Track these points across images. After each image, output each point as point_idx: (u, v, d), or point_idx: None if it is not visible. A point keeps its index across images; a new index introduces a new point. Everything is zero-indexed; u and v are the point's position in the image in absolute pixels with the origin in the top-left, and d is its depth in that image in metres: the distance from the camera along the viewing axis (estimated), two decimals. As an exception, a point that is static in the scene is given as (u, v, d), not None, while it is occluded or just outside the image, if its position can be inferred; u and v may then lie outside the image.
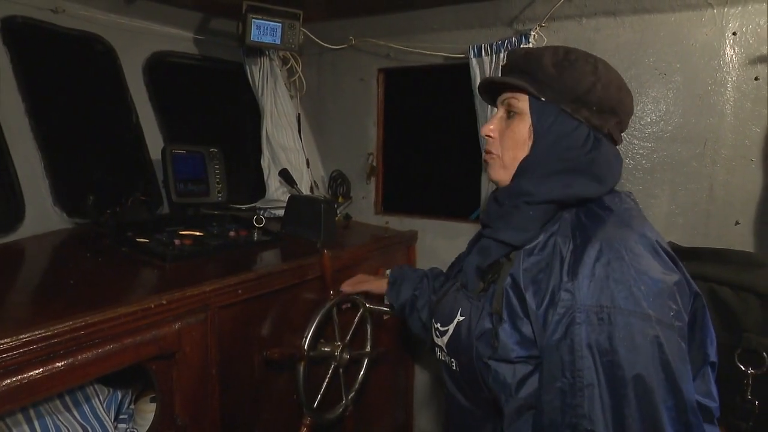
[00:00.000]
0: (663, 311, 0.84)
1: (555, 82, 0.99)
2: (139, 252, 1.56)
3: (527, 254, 0.98)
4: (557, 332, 0.88)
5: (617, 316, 0.83)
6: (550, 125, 1.00)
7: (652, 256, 0.89)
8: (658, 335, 0.82)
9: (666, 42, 1.68)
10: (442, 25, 2.06)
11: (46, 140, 1.77)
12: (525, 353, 0.95)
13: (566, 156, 0.99)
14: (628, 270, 0.86)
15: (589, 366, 0.84)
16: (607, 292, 0.85)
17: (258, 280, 1.43)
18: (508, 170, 1.05)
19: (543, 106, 1.01)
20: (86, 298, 1.16)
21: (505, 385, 0.97)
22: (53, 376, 0.98)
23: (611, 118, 1.01)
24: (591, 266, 0.88)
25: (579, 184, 0.98)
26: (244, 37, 1.95)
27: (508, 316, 0.97)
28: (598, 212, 0.98)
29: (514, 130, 1.04)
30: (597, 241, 0.90)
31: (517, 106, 1.03)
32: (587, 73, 0.99)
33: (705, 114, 1.65)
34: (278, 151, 2.29)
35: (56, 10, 1.79)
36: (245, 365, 1.46)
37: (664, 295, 0.86)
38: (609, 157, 1.02)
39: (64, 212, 1.81)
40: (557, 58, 1.01)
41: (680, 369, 0.83)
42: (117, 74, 2.04)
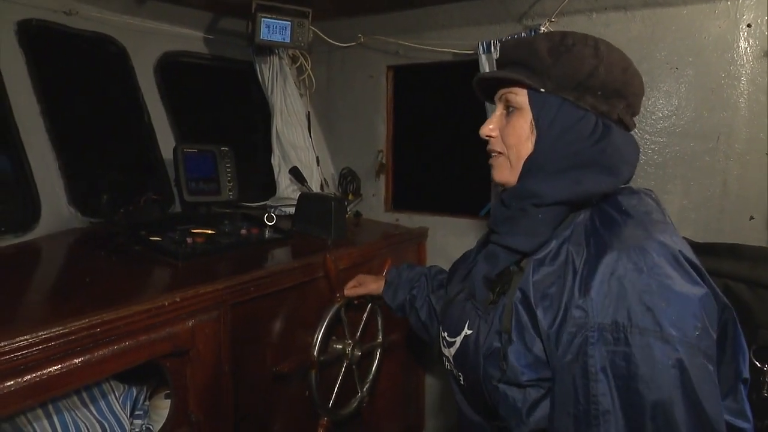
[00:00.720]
0: (686, 330, 0.75)
1: (553, 70, 0.90)
2: (152, 250, 1.58)
3: (538, 264, 0.89)
4: (569, 353, 0.80)
5: (635, 336, 0.75)
6: (554, 118, 0.91)
7: (673, 267, 0.80)
8: (681, 358, 0.74)
9: (678, 36, 1.66)
10: (450, 21, 2.06)
11: (60, 141, 1.80)
12: (536, 375, 0.87)
13: (574, 149, 0.90)
14: (647, 284, 0.77)
15: (605, 392, 0.76)
16: (623, 309, 0.77)
17: (270, 277, 1.44)
18: (514, 170, 0.97)
19: (543, 97, 0.92)
20: (101, 296, 1.18)
21: (516, 410, 0.90)
22: (71, 373, 1.00)
23: (619, 101, 0.92)
24: (606, 280, 0.79)
25: (589, 179, 0.89)
26: (253, 36, 1.96)
27: (518, 336, 0.89)
28: (614, 216, 0.88)
29: (514, 126, 0.96)
30: (612, 251, 0.81)
31: (515, 100, 0.95)
32: (587, 56, 0.90)
33: (718, 108, 1.63)
34: (288, 149, 2.31)
35: (69, 12, 1.81)
36: (258, 362, 1.48)
37: (687, 312, 0.76)
38: (620, 144, 0.92)
39: (79, 212, 1.84)
40: (553, 43, 0.92)
41: (707, 394, 0.74)
42: (129, 74, 2.06)
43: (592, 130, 0.90)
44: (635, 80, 0.95)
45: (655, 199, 0.97)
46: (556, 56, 0.91)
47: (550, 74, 0.91)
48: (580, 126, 0.90)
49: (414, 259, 2.21)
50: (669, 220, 0.94)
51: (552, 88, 0.91)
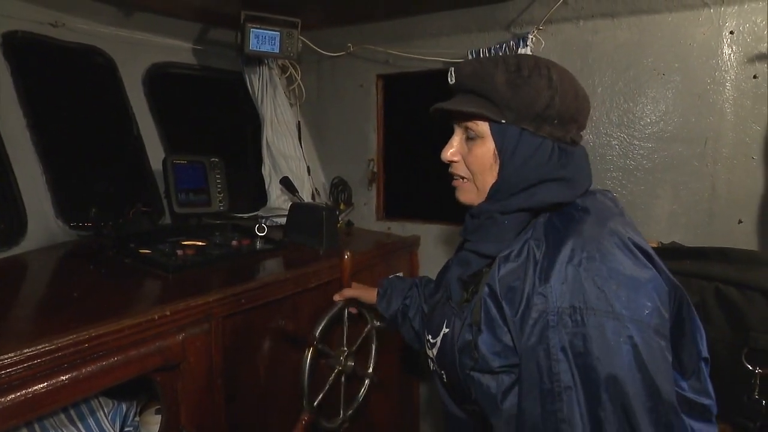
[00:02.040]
0: (636, 309, 0.83)
1: (512, 102, 0.95)
2: (142, 263, 1.56)
3: (503, 261, 0.97)
4: (533, 336, 0.87)
5: (589, 317, 0.82)
6: (515, 147, 0.97)
7: (623, 253, 0.87)
8: (632, 335, 0.81)
9: (664, 42, 1.68)
10: (439, 30, 2.07)
11: (47, 153, 1.78)
12: (506, 362, 0.93)
13: (534, 174, 0.97)
14: (600, 269, 0.85)
15: (565, 369, 0.83)
16: (579, 293, 0.84)
17: (261, 289, 1.43)
18: (480, 193, 1.04)
19: (504, 128, 0.97)
20: (90, 311, 1.16)
21: (490, 396, 0.96)
22: (57, 390, 0.98)
23: (572, 126, 0.99)
24: (563, 268, 0.86)
25: (548, 190, 0.97)
26: (242, 46, 1.96)
27: (487, 326, 0.96)
28: (572, 214, 0.96)
29: (478, 154, 1.01)
30: (569, 242, 0.89)
31: (477, 130, 1.00)
32: (543, 87, 0.95)
33: (705, 113, 1.65)
34: (279, 159, 2.30)
35: (56, 24, 1.80)
36: (250, 375, 1.46)
37: (637, 293, 0.84)
38: (575, 161, 0.99)
39: (67, 225, 1.82)
40: (509, 75, 0.96)
41: (658, 369, 0.81)
42: (117, 86, 2.05)
43: (549, 155, 0.97)
44: (585, 103, 1.01)
45: (612, 198, 1.05)
46: (514, 89, 0.95)
47: (509, 106, 0.96)
48: (539, 153, 0.97)
49: (406, 267, 2.20)
50: (624, 214, 1.01)
51: (512, 120, 0.96)
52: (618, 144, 1.78)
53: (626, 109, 1.76)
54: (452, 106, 1.02)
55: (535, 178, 0.97)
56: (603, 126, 1.79)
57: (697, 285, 1.42)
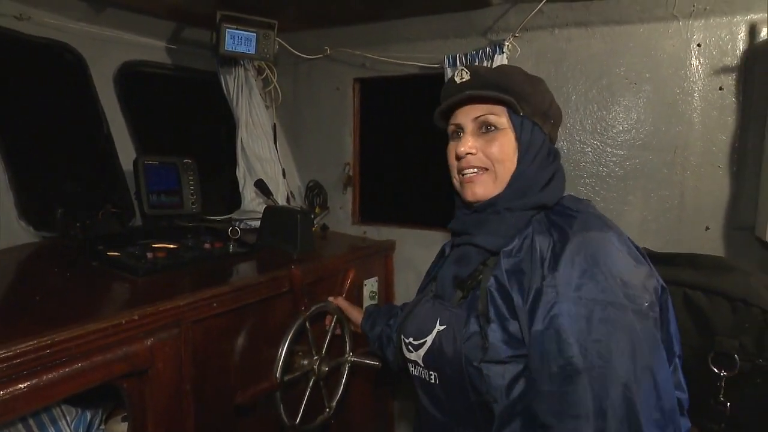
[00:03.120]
0: (638, 302, 0.89)
1: (530, 97, 1.06)
2: (110, 266, 1.51)
3: (507, 255, 1.01)
4: (541, 323, 0.91)
5: (596, 307, 0.88)
6: (530, 139, 1.06)
7: (624, 251, 0.94)
8: (635, 325, 0.87)
9: (636, 52, 1.72)
10: (417, 35, 2.08)
11: (10, 151, 1.72)
12: (514, 352, 0.97)
13: (542, 165, 1.08)
14: (605, 263, 0.90)
15: (576, 354, 0.87)
16: (586, 284, 0.89)
17: (233, 293, 1.40)
18: (499, 183, 1.07)
19: (522, 120, 1.06)
20: (53, 315, 1.11)
21: (497, 388, 0.98)
22: (15, 399, 0.94)
23: (557, 130, 1.14)
24: (571, 260, 0.92)
25: (556, 186, 1.08)
26: (218, 46, 1.93)
27: (495, 316, 0.99)
28: (568, 212, 1.03)
29: (501, 143, 1.06)
30: (574, 236, 0.94)
31: (497, 121, 1.06)
32: (546, 90, 1.11)
33: (674, 122, 1.69)
34: (254, 161, 2.27)
35: (21, 17, 1.74)
36: (221, 380, 1.43)
37: (639, 287, 0.91)
38: (559, 162, 1.13)
39: (31, 226, 1.75)
40: (524, 75, 1.10)
41: (656, 357, 0.88)
42: (87, 84, 1.99)
43: (548, 152, 1.09)
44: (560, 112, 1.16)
45: (593, 206, 1.12)
46: (532, 86, 1.08)
47: (528, 100, 1.06)
48: (543, 148, 1.08)
49: (382, 271, 2.19)
50: None
51: (529, 113, 1.07)
52: (591, 151, 1.81)
53: (599, 117, 1.79)
54: (482, 92, 1.05)
55: (548, 173, 1.08)
56: (577, 133, 1.82)
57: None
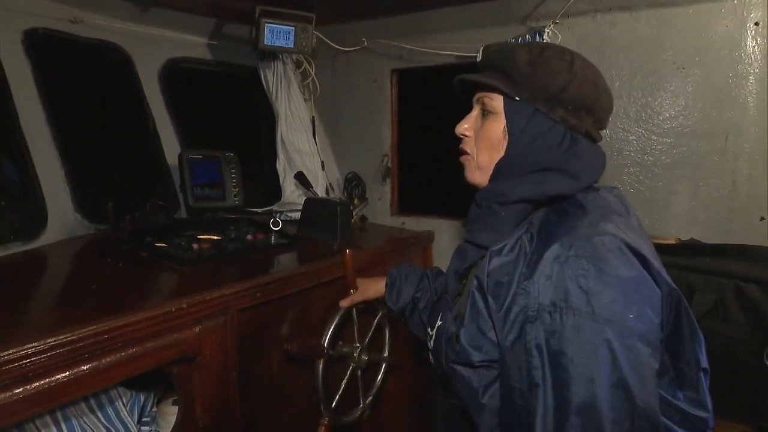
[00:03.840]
0: (620, 313, 0.80)
1: (529, 80, 0.96)
2: (159, 257, 1.58)
3: (495, 255, 0.95)
4: (513, 332, 0.86)
5: (568, 317, 0.80)
6: (525, 126, 0.97)
7: (613, 254, 0.84)
8: (610, 339, 0.78)
9: (684, 35, 1.65)
10: (454, 24, 2.05)
11: (66, 148, 1.80)
12: (486, 357, 0.92)
13: (541, 157, 0.97)
14: (586, 269, 0.82)
15: (537, 366, 0.82)
16: (562, 290, 0.81)
17: (276, 282, 1.44)
18: (483, 172, 1.03)
19: (518, 105, 0.98)
20: (108, 303, 1.17)
21: (471, 390, 0.95)
22: (79, 380, 1.00)
23: (588, 117, 0.97)
24: (549, 265, 0.84)
25: (551, 181, 0.95)
26: (257, 41, 1.97)
27: (470, 319, 0.95)
28: (568, 210, 0.94)
29: (488, 129, 1.01)
30: (559, 239, 0.86)
31: (491, 105, 1.01)
32: (562, 70, 0.95)
33: (726, 107, 1.61)
34: (293, 154, 2.31)
35: (75, 21, 1.83)
36: (264, 368, 1.47)
37: (623, 297, 0.81)
38: (585, 155, 0.97)
39: (85, 219, 1.84)
40: (532, 55, 0.97)
41: (637, 376, 0.78)
42: (134, 81, 2.07)
43: (560, 141, 0.96)
44: (605, 97, 1.00)
45: (618, 195, 1.02)
46: (533, 67, 0.96)
47: (526, 84, 0.96)
48: (549, 136, 0.96)
49: (420, 262, 2.20)
50: (630, 213, 0.99)
51: (526, 98, 0.97)
52: (636, 139, 1.75)
53: (644, 103, 1.73)
54: (470, 77, 1.03)
55: (541, 163, 0.96)
56: (620, 121, 1.77)
57: (716, 283, 1.40)
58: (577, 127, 0.97)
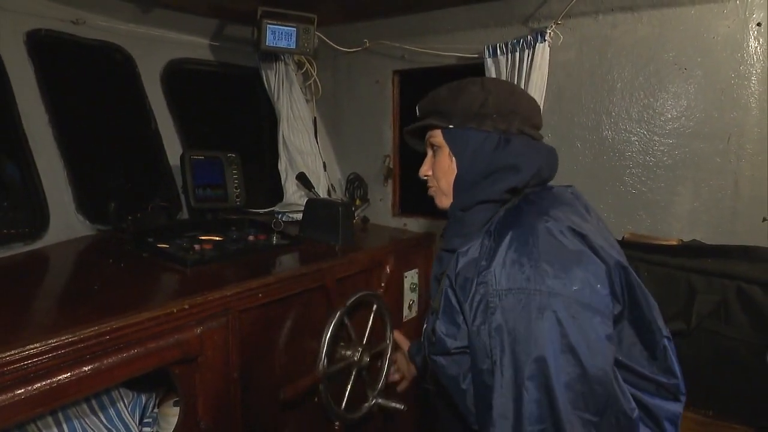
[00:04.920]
0: (564, 287, 0.90)
1: (453, 109, 1.13)
2: (160, 257, 1.58)
3: (462, 255, 1.07)
4: (477, 318, 0.97)
5: (520, 296, 0.91)
6: (465, 144, 1.12)
7: (554, 237, 0.95)
8: (556, 310, 0.88)
9: (686, 36, 1.65)
10: (456, 25, 2.05)
11: (68, 149, 1.81)
12: (461, 344, 1.04)
13: (485, 163, 1.10)
14: (531, 252, 0.93)
15: (496, 345, 0.92)
16: (513, 275, 0.93)
17: (278, 283, 1.44)
18: (447, 195, 1.18)
19: (453, 132, 1.14)
20: (110, 304, 1.18)
21: (452, 378, 1.07)
22: (80, 381, 1.00)
23: (514, 117, 1.11)
24: (503, 255, 0.96)
25: (500, 179, 1.08)
26: (259, 42, 1.97)
27: (444, 312, 1.08)
28: (521, 207, 1.07)
29: (439, 162, 1.18)
30: (510, 231, 0.99)
31: (435, 141, 1.17)
32: (476, 92, 1.12)
33: (728, 108, 1.61)
34: (295, 155, 2.31)
35: (77, 22, 1.83)
36: (266, 368, 1.47)
37: (566, 272, 0.91)
38: (522, 148, 1.10)
39: (87, 219, 1.85)
40: (449, 89, 1.16)
41: (586, 344, 0.87)
42: (136, 82, 2.07)
43: (496, 145, 1.10)
44: (523, 99, 1.16)
45: (573, 192, 1.15)
46: (453, 97, 1.15)
47: (453, 113, 1.14)
48: (486, 144, 1.11)
49: (422, 263, 2.19)
50: (582, 204, 1.11)
51: (457, 123, 1.13)
52: (638, 140, 1.75)
53: (646, 104, 1.73)
54: (410, 127, 1.25)
55: (489, 167, 1.10)
56: (622, 122, 1.77)
57: (718, 284, 1.40)
58: (508, 130, 1.11)
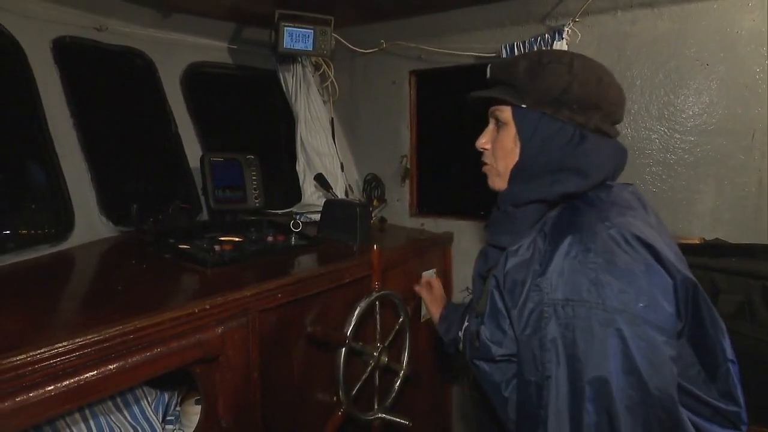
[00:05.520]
0: (629, 303, 0.83)
1: (530, 87, 1.02)
2: (181, 258, 1.60)
3: (511, 255, 1.00)
4: (528, 328, 0.91)
5: (580, 309, 0.84)
6: (534, 130, 1.02)
7: (620, 247, 0.87)
8: (621, 328, 0.81)
9: (708, 31, 1.62)
10: (472, 24, 2.05)
11: (92, 152, 1.85)
12: (507, 352, 0.98)
13: (552, 158, 1.01)
14: (594, 261, 0.85)
15: (551, 359, 0.86)
16: (572, 285, 0.86)
17: (297, 284, 1.45)
18: (502, 178, 1.10)
19: (524, 112, 1.03)
20: (133, 304, 1.20)
21: (494, 385, 1.00)
22: (106, 378, 1.03)
23: (595, 112, 1.00)
24: (561, 261, 0.88)
25: (562, 181, 0.99)
26: (276, 44, 1.99)
27: (490, 316, 1.01)
28: (579, 207, 0.97)
29: (502, 139, 1.08)
30: (568, 236, 0.90)
31: (501, 116, 1.07)
32: (561, 73, 0.99)
33: (752, 104, 1.58)
34: (313, 156, 2.32)
35: (100, 28, 1.87)
36: (286, 368, 1.49)
37: (631, 287, 0.84)
38: (595, 151, 1.00)
39: (110, 221, 1.88)
40: (530, 62, 1.03)
41: (650, 364, 0.80)
42: (156, 86, 2.11)
43: (569, 140, 1.00)
44: (610, 91, 1.03)
45: (632, 191, 1.05)
46: (531, 75, 1.02)
47: (528, 91, 1.02)
48: (558, 137, 1.01)
49: (440, 263, 2.19)
50: (646, 208, 1.02)
51: (531, 104, 1.02)
52: (658, 138, 1.73)
53: (667, 101, 1.70)
54: (478, 93, 1.11)
55: (554, 163, 1.01)
56: (642, 119, 1.74)
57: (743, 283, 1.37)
58: (585, 125, 1.00)
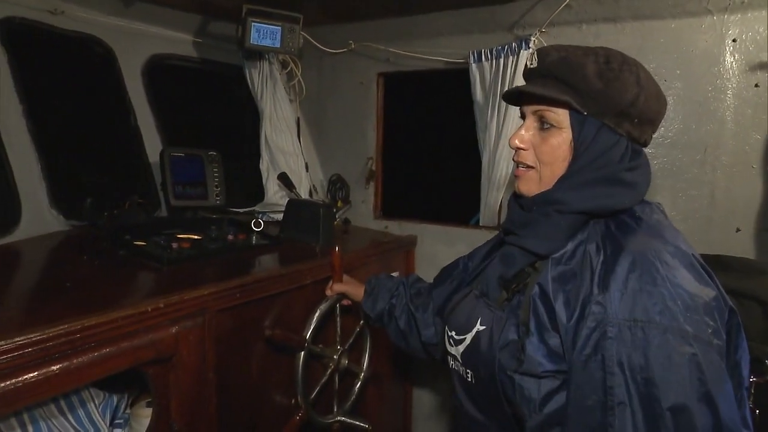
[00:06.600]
0: (700, 327, 0.80)
1: (600, 95, 0.91)
2: (137, 255, 1.54)
3: (555, 263, 0.93)
4: (587, 347, 0.84)
5: (652, 331, 0.79)
6: (592, 140, 0.93)
7: (687, 269, 0.84)
8: (696, 353, 0.78)
9: (666, 48, 1.68)
10: (441, 30, 2.06)
11: (43, 142, 1.76)
12: (552, 367, 0.90)
13: (604, 172, 0.93)
14: (663, 283, 0.81)
15: (620, 383, 0.80)
16: (641, 305, 0.81)
17: (256, 283, 1.42)
18: (543, 184, 0.98)
19: (584, 119, 0.93)
20: (82, 301, 1.14)
21: (530, 401, 0.93)
22: (48, 380, 0.97)
23: (649, 128, 0.96)
24: (624, 278, 0.83)
25: (616, 195, 0.93)
26: (243, 40, 1.95)
27: (536, 328, 0.93)
28: (628, 222, 0.93)
29: (552, 144, 0.96)
30: (629, 251, 0.86)
31: (553, 119, 0.95)
32: (631, 84, 0.91)
33: (705, 120, 1.65)
34: (277, 154, 2.29)
35: (55, 12, 1.78)
36: (243, 369, 1.45)
37: (700, 311, 0.81)
38: (647, 167, 0.97)
39: (61, 215, 1.80)
40: (599, 66, 0.92)
41: (720, 390, 0.78)
42: (116, 76, 2.03)
43: (623, 154, 0.94)
44: (664, 108, 0.98)
45: (663, 210, 1.02)
46: (605, 82, 0.91)
47: (596, 99, 0.91)
48: (614, 150, 0.93)
49: (403, 266, 2.19)
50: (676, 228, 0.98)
51: (594, 112, 0.92)
52: (617, 149, 1.78)
53: (627, 114, 1.76)
54: (539, 91, 0.95)
55: (603, 176, 0.93)
56: (603, 130, 1.79)
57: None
58: (638, 139, 0.95)
